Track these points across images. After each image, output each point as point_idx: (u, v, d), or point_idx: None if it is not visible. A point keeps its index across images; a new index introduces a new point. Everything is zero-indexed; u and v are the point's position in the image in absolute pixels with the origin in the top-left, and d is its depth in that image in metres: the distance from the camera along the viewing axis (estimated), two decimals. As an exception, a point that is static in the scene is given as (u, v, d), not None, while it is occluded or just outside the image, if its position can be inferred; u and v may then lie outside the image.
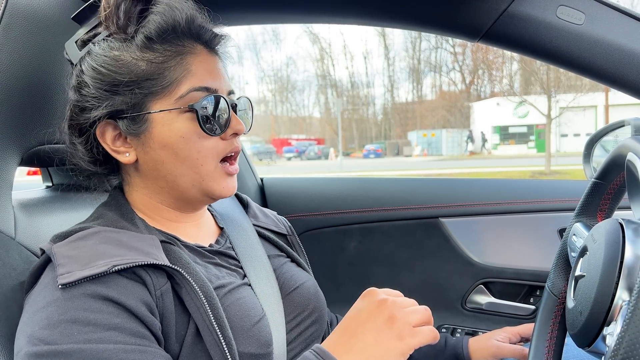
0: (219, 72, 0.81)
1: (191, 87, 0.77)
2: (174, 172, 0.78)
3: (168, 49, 0.77)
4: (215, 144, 0.79)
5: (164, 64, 0.76)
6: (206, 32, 0.81)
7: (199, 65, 0.78)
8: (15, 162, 0.87)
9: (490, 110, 32.03)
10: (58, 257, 0.67)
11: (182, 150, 0.77)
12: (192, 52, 0.79)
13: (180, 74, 0.77)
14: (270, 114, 59.71)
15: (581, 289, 0.69)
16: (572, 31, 0.91)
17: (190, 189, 0.80)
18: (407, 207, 1.68)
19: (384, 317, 0.66)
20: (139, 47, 0.76)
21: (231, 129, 0.80)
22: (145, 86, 0.76)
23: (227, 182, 0.82)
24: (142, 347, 0.63)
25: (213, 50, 0.83)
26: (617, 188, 0.80)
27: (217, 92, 0.79)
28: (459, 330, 1.58)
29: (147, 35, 0.76)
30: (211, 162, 0.79)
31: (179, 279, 0.71)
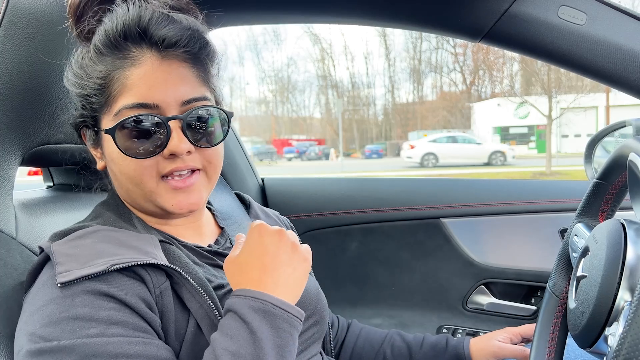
0: (165, 83, 0.73)
1: (123, 105, 0.72)
2: (124, 186, 0.78)
3: (114, 61, 0.73)
4: (153, 163, 0.73)
5: (107, 77, 0.73)
6: (154, 34, 0.72)
7: (138, 78, 0.72)
8: (17, 162, 0.87)
9: (491, 110, 31.99)
10: (57, 256, 0.67)
11: (122, 167, 0.75)
12: (135, 62, 0.72)
13: (116, 90, 0.73)
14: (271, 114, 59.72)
15: (583, 290, 0.69)
16: (574, 31, 0.91)
17: (144, 204, 0.78)
18: (408, 207, 1.68)
19: (288, 247, 0.73)
20: (92, 58, 0.75)
21: (167, 149, 0.73)
22: (94, 101, 0.75)
23: (178, 198, 0.75)
24: (145, 340, 0.63)
25: (169, 55, 0.74)
26: (619, 188, 0.80)
27: (156, 108, 0.72)
28: (460, 331, 1.58)
29: (95, 47, 0.75)
30: (150, 180, 0.74)
31: (178, 278, 0.71)
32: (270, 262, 0.71)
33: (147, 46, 0.73)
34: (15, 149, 0.86)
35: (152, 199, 0.76)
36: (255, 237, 0.73)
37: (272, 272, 0.70)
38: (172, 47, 0.73)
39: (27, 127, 0.87)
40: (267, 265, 0.70)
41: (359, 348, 1.10)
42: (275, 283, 0.69)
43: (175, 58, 0.74)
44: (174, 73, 0.74)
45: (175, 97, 0.73)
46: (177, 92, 0.73)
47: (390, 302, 1.71)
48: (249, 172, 1.80)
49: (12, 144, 0.85)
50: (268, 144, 43.09)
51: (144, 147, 0.72)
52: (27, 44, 0.85)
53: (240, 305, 0.65)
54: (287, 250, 0.73)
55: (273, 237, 0.73)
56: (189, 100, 0.74)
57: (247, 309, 0.65)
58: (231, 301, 0.67)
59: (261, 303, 0.65)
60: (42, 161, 0.97)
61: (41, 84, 0.88)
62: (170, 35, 0.72)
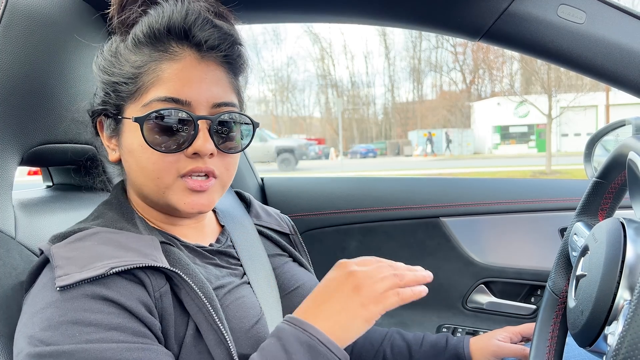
0: (200, 82, 0.74)
1: (156, 96, 0.72)
2: (138, 180, 0.77)
3: (153, 53, 0.74)
4: (175, 160, 0.73)
5: (141, 68, 0.74)
6: (196, 35, 0.74)
7: (175, 73, 0.73)
8: (16, 161, 0.87)
9: (490, 109, 32.01)
10: (56, 259, 0.67)
11: (141, 159, 0.75)
12: (173, 57, 0.73)
13: (149, 80, 0.73)
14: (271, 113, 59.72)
15: (582, 289, 0.69)
16: (573, 30, 0.91)
17: (155, 198, 0.77)
18: (407, 206, 1.68)
19: (350, 287, 0.69)
20: (128, 48, 0.76)
21: (192, 147, 0.73)
22: (121, 89, 0.76)
23: (191, 198, 0.75)
24: (144, 345, 0.63)
25: (208, 56, 0.75)
26: (618, 187, 0.80)
27: (190, 104, 0.73)
28: (459, 330, 1.58)
29: (134, 37, 0.75)
30: (168, 176, 0.74)
31: (178, 281, 0.70)
32: (323, 295, 0.70)
33: (188, 45, 0.74)
34: (15, 148, 0.86)
35: (166, 196, 0.75)
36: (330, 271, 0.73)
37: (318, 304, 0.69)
38: (212, 50, 0.75)
39: (26, 126, 0.87)
40: (318, 297, 0.70)
41: (358, 347, 1.10)
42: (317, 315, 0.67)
43: (213, 61, 0.76)
44: (210, 74, 0.75)
45: (208, 97, 0.74)
46: (210, 93, 0.74)
47: (390, 302, 1.71)
48: (249, 172, 1.80)
49: (11, 143, 0.85)
50: (268, 143, 43.04)
51: (169, 142, 0.73)
52: (26, 44, 0.85)
53: (287, 333, 0.65)
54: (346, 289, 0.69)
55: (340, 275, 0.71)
56: (220, 104, 0.75)
57: (293, 339, 0.64)
58: (281, 326, 0.67)
59: (309, 337, 0.64)
60: (41, 161, 0.97)
61: (40, 83, 0.88)
62: (214, 38, 0.74)
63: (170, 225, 0.83)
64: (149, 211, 0.82)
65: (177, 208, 0.76)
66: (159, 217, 0.82)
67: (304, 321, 0.66)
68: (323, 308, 0.68)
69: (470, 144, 33.77)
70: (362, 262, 0.74)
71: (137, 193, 0.81)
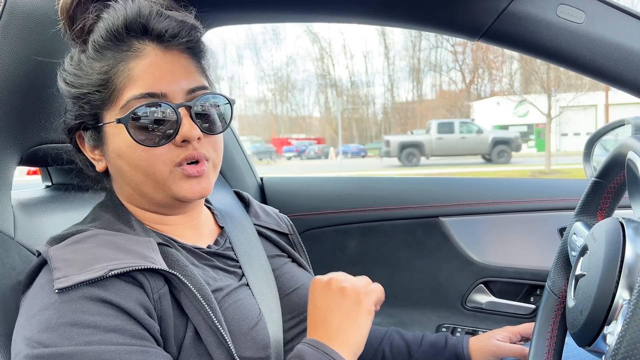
0: (172, 72, 0.75)
1: (132, 95, 0.73)
2: (134, 180, 0.77)
3: (116, 56, 0.74)
4: (166, 151, 0.74)
5: (109, 72, 0.74)
6: (155, 27, 0.74)
7: (144, 69, 0.73)
8: (15, 161, 0.87)
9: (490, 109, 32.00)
10: (54, 261, 0.66)
11: (132, 159, 0.75)
12: (138, 54, 0.74)
13: (121, 82, 0.74)
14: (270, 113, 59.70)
15: (582, 288, 0.69)
16: (572, 30, 0.91)
17: (155, 194, 0.78)
18: (407, 206, 1.68)
19: (335, 293, 0.74)
20: (90, 56, 0.76)
21: (180, 135, 0.74)
22: (95, 98, 0.75)
23: (190, 184, 0.76)
24: (143, 348, 0.63)
25: (171, 46, 0.76)
26: (618, 187, 0.80)
27: (166, 96, 0.74)
28: (459, 330, 1.58)
29: (94, 45, 0.75)
30: (164, 168, 0.75)
31: (177, 283, 0.70)
32: (319, 317, 0.75)
33: (149, 39, 0.75)
34: (14, 148, 0.86)
35: (165, 187, 0.76)
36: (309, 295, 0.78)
37: (322, 326, 0.73)
38: (174, 39, 0.76)
39: (26, 126, 0.87)
40: (317, 321, 0.74)
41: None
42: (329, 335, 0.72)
43: (177, 49, 0.77)
44: (177, 63, 0.76)
45: (181, 86, 0.75)
46: (182, 81, 0.76)
47: (389, 301, 1.70)
48: (248, 171, 1.80)
49: (10, 143, 0.85)
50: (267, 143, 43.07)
51: (156, 135, 0.74)
52: (25, 44, 0.85)
53: (310, 355, 0.69)
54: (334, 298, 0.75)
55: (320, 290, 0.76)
56: (193, 89, 0.77)
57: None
58: (302, 348, 0.70)
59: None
60: (40, 161, 0.97)
61: (39, 83, 0.88)
62: (172, 27, 0.75)
63: (165, 225, 0.82)
64: (142, 213, 0.82)
65: (179, 197, 0.77)
66: (154, 219, 0.82)
67: (324, 344, 0.70)
68: (328, 326, 0.73)
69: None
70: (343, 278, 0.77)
71: (130, 196, 0.81)
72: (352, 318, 0.73)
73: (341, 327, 0.72)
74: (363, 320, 0.73)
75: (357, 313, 0.73)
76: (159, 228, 0.81)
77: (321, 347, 0.69)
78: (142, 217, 0.81)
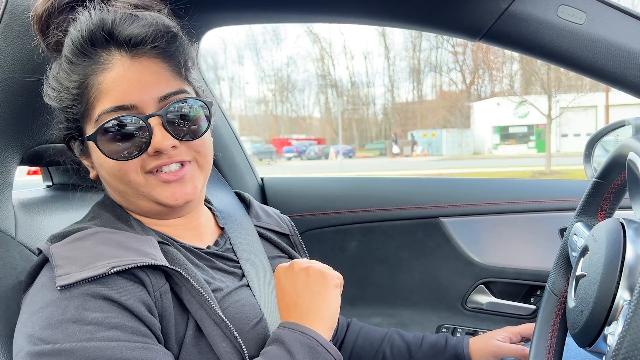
0: (139, 82, 0.72)
1: (101, 110, 0.72)
2: (117, 188, 0.78)
3: (86, 68, 0.73)
4: (138, 161, 0.73)
5: (81, 87, 0.73)
6: (120, 36, 0.71)
7: (112, 81, 0.71)
8: (16, 161, 0.87)
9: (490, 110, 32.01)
10: (56, 258, 0.66)
11: (107, 169, 0.75)
12: (106, 67, 0.72)
13: (92, 96, 0.73)
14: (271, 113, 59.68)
15: (582, 289, 0.69)
16: (573, 30, 0.91)
17: (140, 202, 0.77)
18: (407, 206, 1.68)
19: (300, 274, 0.77)
20: (65, 70, 0.74)
21: (152, 147, 0.72)
22: (73, 111, 0.75)
23: (171, 189, 0.75)
24: (145, 345, 0.63)
25: (139, 53, 0.73)
26: (618, 188, 0.80)
27: (134, 108, 0.72)
28: (459, 330, 1.58)
29: (65, 58, 0.74)
30: (135, 175, 0.74)
31: (178, 279, 0.70)
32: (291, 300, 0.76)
33: (115, 48, 0.72)
34: (15, 148, 0.86)
35: (145, 194, 0.75)
36: (276, 284, 0.81)
37: (294, 308, 0.75)
38: (139, 46, 0.72)
39: (26, 126, 0.87)
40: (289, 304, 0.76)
41: (358, 347, 1.10)
42: (302, 316, 0.74)
43: (145, 56, 0.73)
44: (147, 71, 0.73)
45: (152, 94, 0.73)
46: (153, 89, 0.73)
47: (389, 302, 1.71)
48: (249, 172, 1.80)
49: (11, 143, 0.85)
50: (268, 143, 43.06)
51: (128, 148, 0.72)
52: (26, 44, 0.85)
53: (288, 337, 0.70)
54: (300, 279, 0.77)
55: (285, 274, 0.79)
56: (166, 96, 0.74)
57: (295, 342, 0.69)
58: (280, 332, 0.72)
59: (309, 339, 0.70)
60: (41, 161, 0.97)
61: (40, 83, 0.88)
62: (136, 34, 0.71)
63: (165, 226, 0.82)
64: (141, 214, 0.81)
65: (163, 203, 0.76)
66: (153, 220, 0.82)
67: (301, 325, 0.72)
68: (300, 307, 0.75)
69: (470, 144, 33.77)
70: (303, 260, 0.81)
71: (122, 202, 0.81)
72: (321, 293, 0.75)
73: (312, 304, 0.74)
74: (332, 294, 0.76)
75: (325, 288, 0.75)
76: (158, 228, 0.81)
77: (297, 327, 0.72)
78: (141, 217, 0.81)
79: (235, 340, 0.70)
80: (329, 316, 0.74)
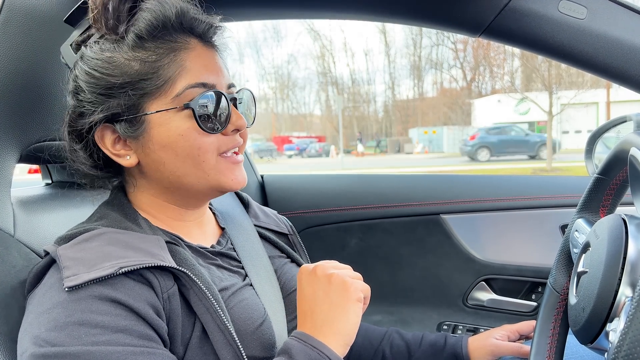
0: (217, 66, 0.79)
1: (187, 84, 0.74)
2: (176, 172, 0.76)
3: (160, 46, 0.74)
4: (216, 140, 0.77)
5: (157, 62, 0.73)
6: (199, 25, 0.78)
7: (194, 61, 0.76)
8: (14, 158, 0.86)
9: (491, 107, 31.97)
10: (63, 260, 0.66)
11: (182, 148, 0.74)
12: (185, 47, 0.76)
13: (175, 72, 0.74)
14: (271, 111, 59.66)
15: (584, 285, 0.68)
16: (574, 26, 0.90)
17: (197, 185, 0.78)
18: (408, 203, 1.68)
19: (322, 280, 0.73)
20: (130, 46, 0.73)
21: (232, 124, 0.78)
22: (140, 87, 0.73)
23: (235, 173, 0.79)
24: (150, 350, 0.63)
25: (209, 43, 0.80)
26: (620, 184, 0.80)
27: (215, 87, 0.76)
28: (460, 328, 1.57)
29: (137, 34, 0.73)
30: (211, 157, 0.76)
31: (186, 281, 0.70)
32: (307, 307, 0.73)
33: (192, 35, 0.78)
34: (13, 145, 0.85)
35: (211, 177, 0.77)
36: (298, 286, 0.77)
37: (310, 316, 0.72)
38: (211, 37, 0.81)
39: (25, 123, 0.87)
40: (306, 311, 0.73)
41: (357, 346, 1.10)
42: (317, 326, 0.71)
43: (212, 47, 0.81)
44: (216, 59, 0.80)
45: (224, 79, 0.79)
46: (223, 75, 0.79)
47: (390, 299, 1.71)
48: (249, 169, 1.80)
49: (10, 140, 0.84)
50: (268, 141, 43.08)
51: (213, 123, 0.76)
52: (24, 41, 0.84)
53: (297, 350, 0.67)
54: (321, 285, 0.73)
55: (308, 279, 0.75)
56: (230, 85, 0.81)
57: (303, 356, 0.66)
58: (290, 343, 0.69)
59: (318, 354, 0.67)
60: (40, 158, 0.97)
61: (39, 80, 0.88)
62: (212, 27, 0.80)
63: (177, 222, 0.82)
64: (159, 209, 0.81)
65: (225, 187, 0.79)
66: (169, 214, 0.81)
67: (312, 337, 0.69)
68: (316, 316, 0.71)
69: (471, 141, 33.70)
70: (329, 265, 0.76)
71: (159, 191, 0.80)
72: (340, 306, 0.70)
73: (329, 316, 0.70)
74: (352, 308, 0.70)
75: (345, 300, 0.70)
76: (166, 227, 0.81)
77: (309, 341, 0.68)
78: (154, 213, 0.81)
79: (237, 348, 0.69)
80: (346, 332, 0.69)
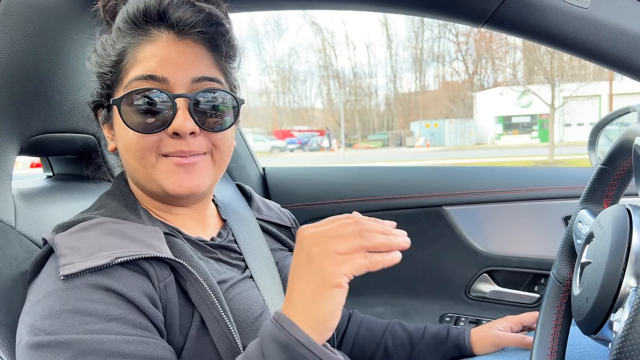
0: (177, 59, 0.73)
1: (133, 77, 0.73)
2: (128, 164, 0.78)
3: (132, 39, 0.75)
4: (157, 139, 0.73)
5: (122, 54, 0.75)
6: (172, 15, 0.73)
7: (151, 52, 0.73)
8: (15, 151, 0.86)
9: (493, 100, 31.92)
10: (60, 248, 0.66)
11: (125, 141, 0.75)
12: (152, 39, 0.74)
13: (128, 63, 0.75)
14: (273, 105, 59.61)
15: (587, 276, 0.68)
16: (578, 15, 0.90)
17: (146, 183, 0.77)
18: (410, 195, 1.67)
19: (304, 258, 0.59)
20: (113, 38, 0.77)
21: (171, 127, 0.72)
22: (107, 78, 0.77)
23: (178, 176, 0.74)
24: (143, 339, 0.63)
25: (186, 35, 0.74)
26: (624, 174, 0.79)
27: (165, 82, 0.72)
28: (462, 319, 1.57)
29: (117, 27, 0.77)
30: (151, 155, 0.74)
31: (183, 272, 0.70)
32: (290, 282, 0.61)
33: (165, 27, 0.74)
34: (14, 137, 0.85)
35: (153, 176, 0.75)
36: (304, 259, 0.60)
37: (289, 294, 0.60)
38: (188, 27, 0.74)
39: (26, 115, 0.86)
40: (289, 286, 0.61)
41: (360, 338, 1.10)
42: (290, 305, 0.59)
43: (191, 39, 0.75)
44: (188, 52, 0.74)
45: (186, 74, 0.73)
46: (188, 69, 0.74)
47: (392, 291, 1.71)
48: (250, 162, 1.80)
49: (10, 132, 0.84)
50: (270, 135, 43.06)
51: (149, 122, 0.72)
52: (24, 32, 0.84)
53: (266, 332, 0.58)
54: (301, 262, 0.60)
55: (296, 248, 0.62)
56: (200, 78, 0.74)
57: (270, 340, 0.57)
58: (265, 324, 0.60)
59: (286, 336, 0.56)
60: (41, 150, 0.97)
61: (39, 72, 0.87)
62: (187, 17, 0.73)
63: (170, 215, 0.82)
64: (149, 200, 0.81)
65: (165, 188, 0.75)
66: (159, 207, 0.82)
67: (284, 317, 0.58)
68: (292, 294, 0.60)
69: (473, 134, 33.71)
70: (325, 222, 0.63)
71: (132, 180, 0.81)
72: (314, 291, 0.57)
73: (301, 297, 0.58)
74: (327, 294, 0.56)
75: (320, 286, 0.57)
76: (165, 218, 0.81)
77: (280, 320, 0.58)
78: (149, 205, 0.81)
79: (233, 339, 0.69)
80: (318, 319, 0.57)
